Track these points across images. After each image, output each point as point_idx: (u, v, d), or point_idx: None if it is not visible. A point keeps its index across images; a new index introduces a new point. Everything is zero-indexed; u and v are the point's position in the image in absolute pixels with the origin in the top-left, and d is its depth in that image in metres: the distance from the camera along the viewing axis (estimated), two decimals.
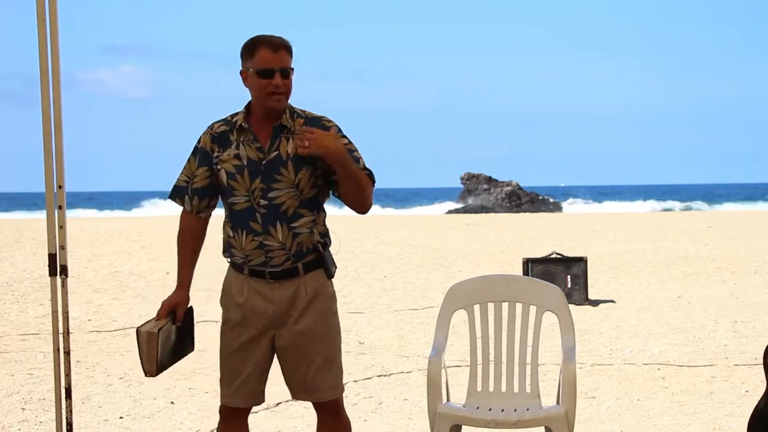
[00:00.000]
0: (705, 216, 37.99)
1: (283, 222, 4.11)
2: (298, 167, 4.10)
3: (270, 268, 4.15)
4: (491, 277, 5.16)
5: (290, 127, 4.13)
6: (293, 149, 4.10)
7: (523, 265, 12.23)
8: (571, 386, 4.76)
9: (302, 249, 4.14)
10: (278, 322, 4.19)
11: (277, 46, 4.09)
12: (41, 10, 4.67)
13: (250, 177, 4.12)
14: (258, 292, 4.18)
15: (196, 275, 4.48)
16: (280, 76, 4.08)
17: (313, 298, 4.17)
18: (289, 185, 4.10)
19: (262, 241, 4.13)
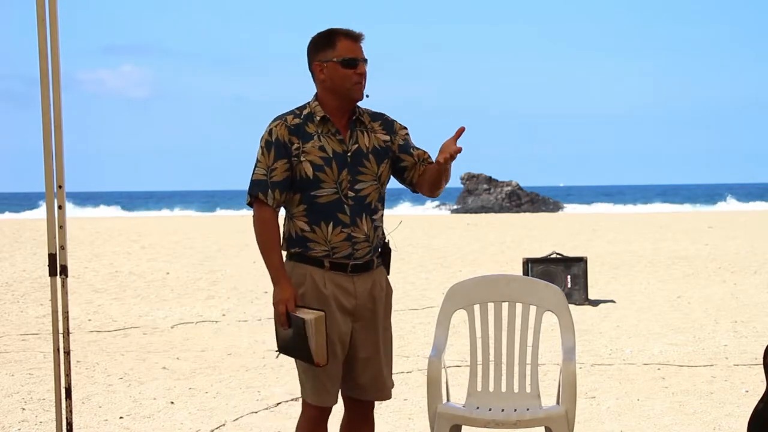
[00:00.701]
0: (705, 216, 37.99)
1: (368, 214, 4.15)
2: (379, 160, 4.17)
3: (353, 261, 4.14)
4: (491, 277, 5.16)
5: (364, 121, 4.19)
6: (371, 142, 4.17)
7: (523, 265, 12.23)
8: (571, 386, 4.76)
9: (379, 242, 4.22)
10: (358, 315, 4.18)
11: (357, 36, 4.12)
12: (41, 10, 4.68)
13: (338, 168, 4.11)
14: (339, 285, 4.15)
15: (196, 276, 4.47)
16: (364, 65, 4.13)
17: (385, 293, 4.24)
18: (373, 177, 4.16)
19: (351, 233, 4.12)
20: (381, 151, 4.18)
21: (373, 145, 4.17)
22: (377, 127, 4.22)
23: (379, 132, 4.21)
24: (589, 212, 51.11)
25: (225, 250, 20.42)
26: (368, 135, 4.19)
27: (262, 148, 4.15)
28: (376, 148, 4.18)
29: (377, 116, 4.25)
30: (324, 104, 4.16)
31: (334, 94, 4.13)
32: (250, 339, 9.75)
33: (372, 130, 4.21)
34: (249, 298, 12.86)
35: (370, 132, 4.20)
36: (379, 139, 4.20)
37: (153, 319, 11.16)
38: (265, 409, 6.87)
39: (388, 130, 4.23)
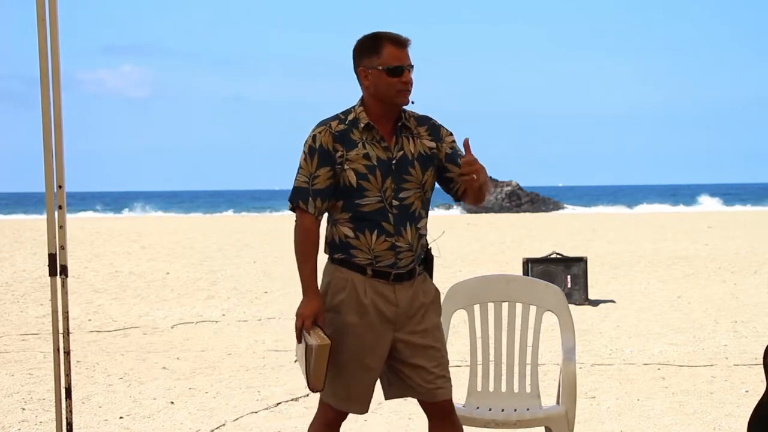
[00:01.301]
0: (705, 216, 37.99)
1: (412, 223, 4.09)
2: (424, 167, 4.10)
3: (396, 270, 4.09)
4: (491, 277, 5.16)
5: (410, 126, 4.12)
6: (416, 149, 4.10)
7: (523, 265, 12.22)
8: (571, 386, 4.76)
9: (420, 251, 4.14)
10: (399, 323, 4.12)
11: (403, 43, 4.05)
12: (41, 10, 4.67)
13: (382, 177, 4.05)
14: (380, 294, 4.09)
15: (196, 276, 4.47)
16: (409, 72, 4.05)
17: (432, 298, 4.19)
18: (417, 185, 4.09)
19: (394, 242, 4.06)
20: (426, 158, 4.10)
21: (418, 152, 4.09)
22: (423, 133, 4.14)
23: (425, 138, 4.13)
24: (589, 212, 51.09)
25: (225, 250, 20.42)
26: (414, 141, 4.10)
27: (305, 154, 4.08)
28: (422, 154, 4.10)
29: (423, 120, 4.17)
30: (369, 110, 4.09)
31: (379, 101, 4.06)
32: (250, 339, 9.75)
33: (418, 136, 4.12)
34: (249, 298, 12.86)
35: (416, 138, 4.12)
36: (425, 145, 4.12)
37: (153, 319, 11.16)
38: (265, 409, 6.87)
39: (435, 137, 4.15)
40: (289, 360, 8.60)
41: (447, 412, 4.21)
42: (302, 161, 4.09)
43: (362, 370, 4.12)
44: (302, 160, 4.09)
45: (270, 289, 13.83)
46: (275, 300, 12.71)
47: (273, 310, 11.74)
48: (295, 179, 4.11)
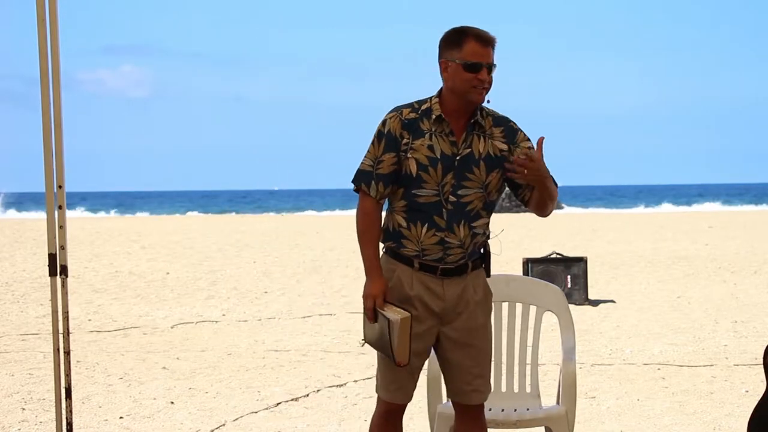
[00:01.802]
0: (705, 216, 37.99)
1: (467, 221, 4.06)
2: (490, 168, 4.04)
3: (444, 265, 4.08)
4: (491, 277, 5.16)
5: (483, 125, 4.07)
6: (485, 149, 4.04)
7: (523, 265, 12.22)
8: (571, 386, 4.76)
9: (474, 249, 4.13)
10: (446, 318, 4.12)
11: (486, 40, 4.00)
12: (41, 10, 4.67)
13: (443, 171, 4.02)
14: (427, 287, 4.09)
15: (197, 276, 4.48)
16: (487, 71, 4.00)
17: (481, 295, 4.16)
18: (479, 185, 4.04)
19: (444, 238, 4.05)
20: (495, 160, 4.04)
21: (487, 152, 4.04)
22: (497, 134, 4.08)
23: (498, 139, 4.07)
24: (589, 212, 51.07)
25: (225, 250, 20.42)
26: (485, 140, 4.05)
27: (375, 138, 4.10)
28: (490, 155, 4.04)
29: (501, 121, 4.10)
30: (444, 102, 4.07)
31: (454, 95, 4.03)
32: (250, 339, 9.75)
33: (491, 136, 4.06)
34: (249, 298, 12.86)
35: (488, 137, 4.06)
36: (496, 146, 4.05)
37: (153, 319, 11.16)
38: (265, 409, 6.87)
39: (509, 139, 4.08)
40: (289, 360, 8.60)
41: (476, 414, 4.21)
42: (371, 144, 4.11)
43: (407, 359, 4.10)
44: (371, 144, 4.11)
45: (270, 289, 13.83)
46: (275, 300, 12.71)
47: (273, 310, 11.74)
48: (362, 161, 4.13)
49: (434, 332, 4.13)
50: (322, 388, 7.44)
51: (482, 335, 4.17)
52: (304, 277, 15.24)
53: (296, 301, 12.61)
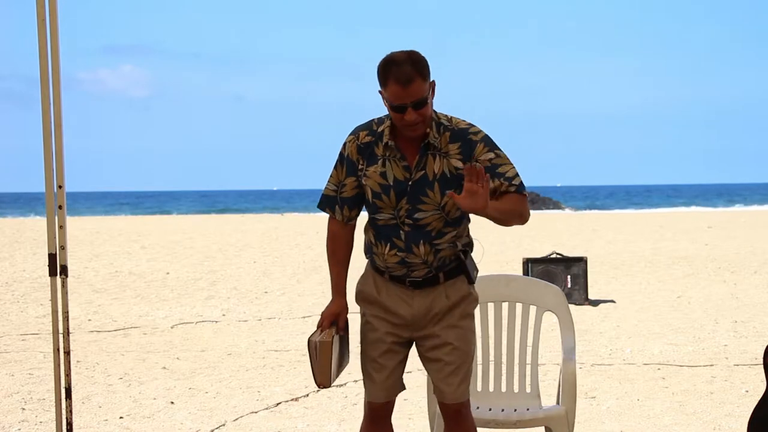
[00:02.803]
0: (705, 216, 37.99)
1: (427, 240, 4.00)
2: (444, 189, 3.95)
3: (410, 278, 4.08)
4: (491, 277, 5.16)
5: (437, 145, 3.96)
6: (440, 168, 3.95)
7: (523, 265, 12.23)
8: (571, 386, 4.76)
9: (445, 261, 4.06)
10: (417, 324, 4.11)
11: (406, 80, 3.83)
12: (41, 10, 4.67)
13: (396, 197, 3.98)
14: (398, 295, 4.11)
15: (197, 276, 4.48)
16: (413, 109, 3.86)
17: (455, 301, 4.09)
18: (435, 207, 3.97)
19: (404, 258, 4.03)
20: (450, 179, 3.94)
21: (442, 172, 3.94)
22: (453, 151, 3.96)
23: (454, 156, 3.95)
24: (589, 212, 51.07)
25: (225, 250, 20.42)
26: (440, 160, 3.95)
27: (337, 161, 4.09)
28: (445, 175, 3.94)
29: (459, 136, 3.97)
30: (394, 128, 4.01)
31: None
32: (250, 339, 9.75)
33: (446, 155, 3.95)
34: (249, 298, 12.86)
35: (443, 156, 3.95)
36: (451, 165, 3.95)
37: (153, 319, 11.16)
38: (265, 409, 6.87)
39: (466, 155, 3.95)
40: (289, 360, 8.60)
41: (456, 413, 4.18)
42: (334, 167, 4.11)
43: (374, 361, 4.16)
44: (334, 166, 4.11)
45: (270, 289, 13.83)
46: (275, 300, 12.71)
47: (273, 310, 11.74)
48: (326, 185, 4.14)
49: (405, 337, 4.14)
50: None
51: (459, 335, 4.12)
52: (304, 277, 15.24)
53: (296, 301, 12.61)
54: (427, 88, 3.88)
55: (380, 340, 4.14)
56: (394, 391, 4.21)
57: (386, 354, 4.15)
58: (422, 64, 3.88)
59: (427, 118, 3.91)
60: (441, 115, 4.02)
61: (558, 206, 54.40)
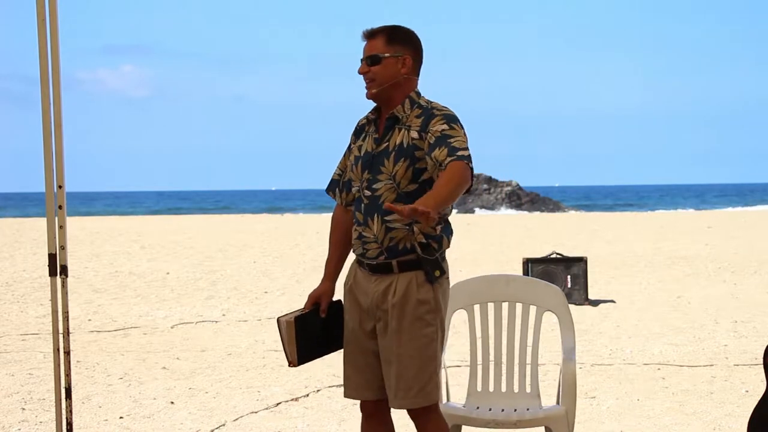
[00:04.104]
0: (705, 216, 37.99)
1: (380, 215, 4.02)
2: (397, 158, 4.01)
3: (366, 260, 4.09)
4: (491, 277, 5.16)
5: (401, 118, 4.05)
6: (400, 140, 4.02)
7: (523, 265, 12.22)
8: (571, 386, 4.76)
9: (397, 245, 4.02)
10: (374, 315, 4.10)
11: (368, 34, 4.08)
12: (41, 10, 4.67)
13: (361, 168, 4.09)
14: (359, 282, 4.15)
15: (197, 276, 4.48)
16: (366, 63, 4.05)
17: (402, 300, 4.02)
18: (389, 176, 4.02)
19: (362, 232, 4.08)
20: (404, 150, 3.99)
21: (400, 143, 4.01)
22: (416, 123, 4.03)
23: (414, 129, 4.01)
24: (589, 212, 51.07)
25: (225, 250, 20.42)
26: (403, 132, 4.03)
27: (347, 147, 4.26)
28: (402, 146, 4.00)
29: (425, 110, 4.04)
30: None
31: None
32: (250, 339, 9.75)
33: (409, 127, 4.03)
34: (249, 298, 12.86)
35: (407, 129, 4.03)
36: (409, 136, 4.01)
37: (153, 319, 11.16)
38: (265, 409, 6.86)
39: (423, 127, 4.00)
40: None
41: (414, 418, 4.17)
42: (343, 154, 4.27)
43: (348, 354, 4.19)
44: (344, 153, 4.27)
45: (270, 289, 13.83)
46: (275, 300, 12.71)
47: (273, 310, 11.73)
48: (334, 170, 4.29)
49: (368, 328, 4.12)
50: (322, 388, 7.44)
51: (396, 340, 4.04)
52: (304, 277, 15.23)
53: (296, 301, 12.60)
54: (384, 50, 4.03)
55: (349, 337, 4.18)
56: (366, 391, 4.16)
57: (354, 352, 4.17)
58: (395, 32, 4.07)
59: (379, 78, 4.04)
60: (423, 98, 4.11)
61: (558, 206, 54.39)
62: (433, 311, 4.05)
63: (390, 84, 4.05)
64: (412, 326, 4.02)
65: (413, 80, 4.11)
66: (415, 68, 4.10)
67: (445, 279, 4.12)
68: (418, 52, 4.12)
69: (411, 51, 4.08)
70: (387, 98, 4.07)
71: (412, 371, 4.02)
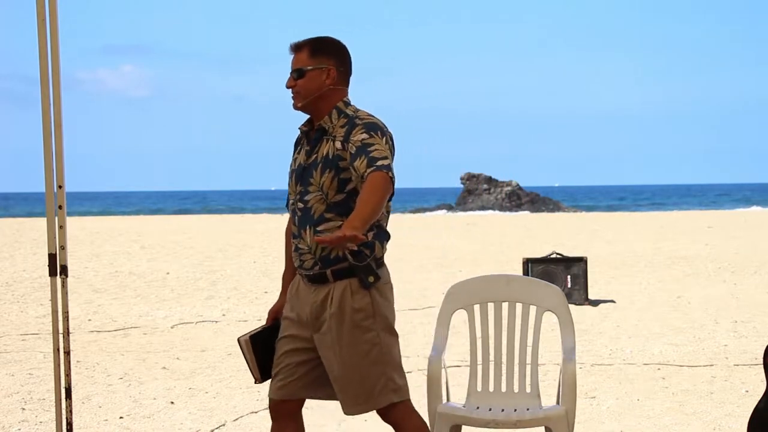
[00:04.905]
0: (705, 216, 37.98)
1: (311, 226, 4.05)
2: (324, 169, 4.04)
3: (304, 271, 4.12)
4: (491, 277, 5.16)
5: (328, 129, 4.08)
6: (326, 151, 4.05)
7: (523, 265, 12.22)
8: (571, 386, 4.76)
9: (329, 255, 4.05)
10: (314, 326, 4.13)
11: (291, 49, 4.14)
12: (41, 10, 4.67)
13: (295, 181, 4.14)
14: (301, 292, 4.18)
15: (197, 276, 4.49)
16: (291, 77, 4.11)
17: (337, 309, 4.06)
18: (317, 188, 4.05)
19: (297, 244, 4.13)
20: (330, 160, 4.03)
21: (325, 154, 4.05)
22: (340, 134, 4.05)
23: (339, 139, 4.04)
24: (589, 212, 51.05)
25: (225, 250, 20.42)
26: (329, 143, 4.06)
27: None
28: (327, 157, 4.04)
29: (351, 120, 4.06)
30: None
31: None
32: None
33: (334, 138, 4.06)
34: (249, 298, 12.86)
35: (333, 139, 4.06)
36: (335, 147, 4.04)
37: (153, 319, 11.16)
38: (265, 409, 6.86)
39: (346, 136, 4.03)
40: None
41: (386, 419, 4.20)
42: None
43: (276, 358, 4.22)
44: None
45: (270, 289, 13.82)
46: (275, 300, 12.69)
47: None
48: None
49: (306, 337, 4.16)
50: None
51: (338, 350, 4.07)
52: None
53: None
54: (308, 63, 4.08)
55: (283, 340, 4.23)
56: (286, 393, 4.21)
57: (286, 353, 4.21)
58: (319, 44, 4.11)
59: (304, 91, 4.09)
60: (352, 108, 4.13)
61: (558, 206, 54.38)
62: (371, 317, 4.08)
63: (315, 96, 4.10)
64: (351, 334, 4.06)
65: (340, 90, 4.13)
66: (341, 79, 4.13)
67: (385, 284, 4.13)
68: (344, 62, 4.14)
69: (335, 62, 4.11)
70: (314, 110, 4.13)
71: (357, 378, 4.08)
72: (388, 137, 4.02)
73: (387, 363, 4.11)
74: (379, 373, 4.08)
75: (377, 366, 4.08)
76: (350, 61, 4.17)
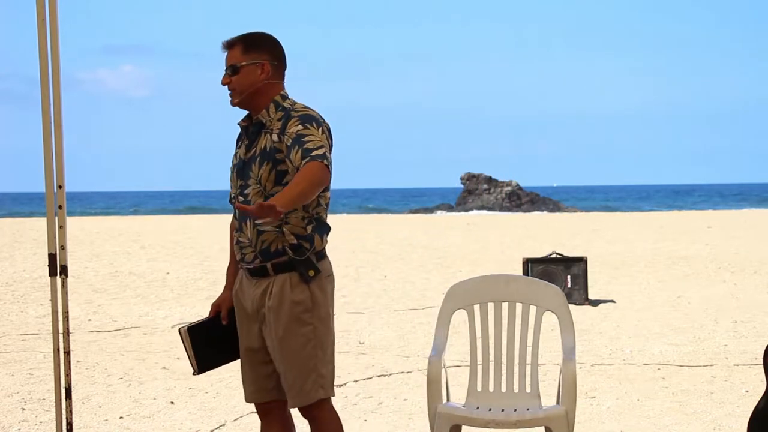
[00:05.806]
0: (705, 216, 37.98)
1: (251, 219, 4.07)
2: (261, 162, 4.08)
3: (246, 264, 4.17)
4: (491, 277, 5.16)
5: (265, 122, 4.12)
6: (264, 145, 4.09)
7: (523, 265, 12.22)
8: (571, 386, 4.76)
9: (269, 248, 4.08)
10: (255, 319, 4.18)
11: (224, 46, 4.17)
12: (41, 10, 4.67)
13: (236, 175, 4.19)
14: (244, 286, 4.22)
15: (197, 276, 4.50)
16: (226, 74, 4.14)
17: (277, 302, 4.09)
18: (256, 181, 4.09)
19: (238, 238, 4.18)
20: (267, 153, 4.06)
21: (263, 147, 4.08)
22: (277, 127, 4.09)
23: (276, 132, 4.08)
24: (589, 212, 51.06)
25: (225, 250, 20.40)
26: (267, 136, 4.09)
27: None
28: (264, 150, 4.07)
29: (287, 113, 4.09)
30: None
31: None
32: None
33: (271, 131, 4.10)
34: None
35: (270, 133, 4.10)
36: (271, 140, 4.08)
37: (153, 319, 11.15)
38: None
39: (282, 129, 4.06)
40: None
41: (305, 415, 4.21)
42: None
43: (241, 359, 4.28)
44: None
45: None
46: None
47: None
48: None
49: (254, 331, 4.19)
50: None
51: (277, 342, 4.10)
52: None
53: None
54: (242, 59, 4.11)
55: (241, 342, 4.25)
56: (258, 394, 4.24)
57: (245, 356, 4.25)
58: (250, 39, 4.14)
59: (239, 87, 4.12)
60: (290, 101, 4.16)
61: (558, 206, 54.39)
62: (310, 310, 4.10)
63: (251, 91, 4.13)
64: (288, 327, 4.09)
65: (276, 84, 4.16)
66: (276, 73, 4.16)
67: (326, 277, 4.15)
68: (278, 57, 4.17)
69: (268, 56, 4.14)
70: (251, 105, 4.15)
71: (294, 371, 4.11)
72: (324, 128, 4.05)
73: (320, 358, 4.14)
74: (310, 368, 4.12)
75: (310, 361, 4.12)
76: (284, 55, 4.21)
